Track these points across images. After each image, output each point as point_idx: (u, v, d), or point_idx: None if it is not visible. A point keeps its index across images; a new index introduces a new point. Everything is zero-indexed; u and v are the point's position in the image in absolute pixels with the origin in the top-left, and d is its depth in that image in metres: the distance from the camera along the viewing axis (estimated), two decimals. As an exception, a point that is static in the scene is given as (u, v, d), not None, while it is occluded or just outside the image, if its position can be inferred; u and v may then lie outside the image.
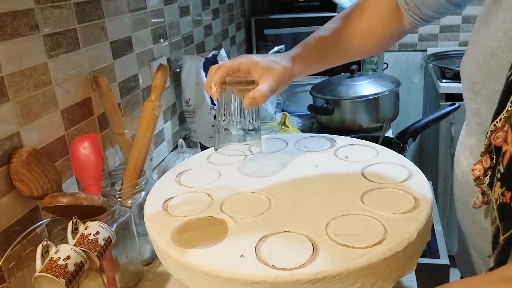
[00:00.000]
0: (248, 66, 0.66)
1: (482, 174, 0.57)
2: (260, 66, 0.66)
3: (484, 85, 0.62)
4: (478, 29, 0.65)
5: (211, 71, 0.66)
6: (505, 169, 0.51)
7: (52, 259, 0.55)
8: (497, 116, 0.55)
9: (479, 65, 0.63)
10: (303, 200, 0.61)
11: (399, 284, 0.72)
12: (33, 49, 0.70)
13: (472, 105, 0.65)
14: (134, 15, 1.01)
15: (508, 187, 0.51)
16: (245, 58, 0.67)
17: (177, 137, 1.27)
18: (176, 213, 0.62)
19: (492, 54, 0.60)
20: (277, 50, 1.60)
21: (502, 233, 0.53)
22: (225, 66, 0.64)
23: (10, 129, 0.65)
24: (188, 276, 0.52)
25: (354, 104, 1.39)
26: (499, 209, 0.53)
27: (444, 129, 1.99)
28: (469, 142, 0.70)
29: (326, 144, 0.79)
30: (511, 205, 0.51)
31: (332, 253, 0.49)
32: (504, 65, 0.57)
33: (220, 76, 0.63)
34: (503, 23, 0.58)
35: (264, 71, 0.66)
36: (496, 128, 0.54)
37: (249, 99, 0.63)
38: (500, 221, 0.53)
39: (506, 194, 0.51)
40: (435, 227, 1.17)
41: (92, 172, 0.73)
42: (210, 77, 0.65)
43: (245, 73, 0.66)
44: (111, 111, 0.84)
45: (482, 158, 0.57)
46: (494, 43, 0.59)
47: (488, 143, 0.56)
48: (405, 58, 2.59)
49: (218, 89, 0.64)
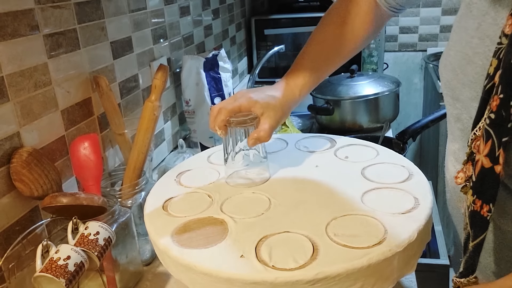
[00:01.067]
0: (248, 106, 0.67)
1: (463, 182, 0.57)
2: (259, 105, 0.67)
3: (461, 92, 0.61)
4: (453, 33, 0.65)
5: (213, 112, 0.67)
6: (477, 178, 0.52)
7: (52, 259, 0.55)
8: (476, 125, 0.55)
9: (455, 71, 0.62)
10: (303, 200, 0.61)
11: (399, 284, 0.72)
12: (33, 49, 0.70)
13: (452, 111, 0.65)
14: (134, 15, 1.01)
15: (479, 196, 0.52)
16: (244, 98, 0.68)
17: (177, 137, 1.27)
18: (176, 213, 0.62)
19: (469, 60, 0.59)
20: (277, 50, 1.60)
21: (471, 239, 0.54)
22: (227, 109, 0.66)
23: (10, 129, 0.65)
24: (188, 277, 0.52)
25: (354, 104, 1.39)
26: (470, 216, 0.54)
27: (444, 129, 1.98)
28: (453, 148, 0.70)
29: (326, 144, 0.79)
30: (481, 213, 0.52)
31: (332, 254, 0.49)
32: (480, 72, 0.56)
33: (223, 120, 0.65)
34: (477, 30, 0.57)
35: (264, 108, 0.67)
36: (476, 137, 0.54)
37: (253, 139, 0.65)
38: (471, 228, 0.54)
39: (477, 202, 0.52)
40: (435, 227, 1.17)
41: (92, 172, 0.73)
42: (213, 120, 0.67)
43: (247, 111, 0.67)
44: (111, 111, 0.84)
45: (465, 166, 0.57)
46: (470, 50, 0.59)
47: (470, 151, 0.56)
48: (405, 59, 2.59)
49: (224, 131, 0.66)
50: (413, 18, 2.51)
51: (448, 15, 2.46)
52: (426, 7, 2.47)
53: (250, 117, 0.66)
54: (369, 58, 1.97)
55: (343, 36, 0.80)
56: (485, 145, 0.51)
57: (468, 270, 0.55)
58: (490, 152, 0.50)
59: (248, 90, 0.71)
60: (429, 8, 2.47)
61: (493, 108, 0.50)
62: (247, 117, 0.66)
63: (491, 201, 0.51)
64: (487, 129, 0.51)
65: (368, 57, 1.97)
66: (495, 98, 0.50)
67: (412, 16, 2.51)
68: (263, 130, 0.65)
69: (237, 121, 0.65)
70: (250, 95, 0.69)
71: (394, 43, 2.58)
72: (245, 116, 0.66)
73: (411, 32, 2.54)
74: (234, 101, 0.68)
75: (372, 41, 1.98)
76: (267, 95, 0.70)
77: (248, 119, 0.65)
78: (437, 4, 2.46)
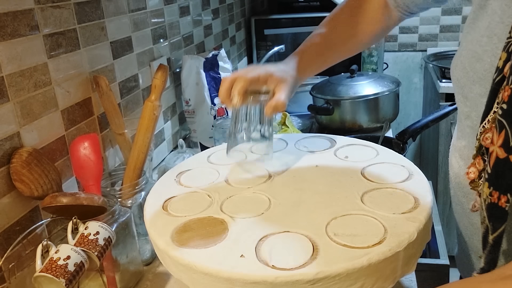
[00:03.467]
0: (265, 76, 0.69)
1: (477, 177, 0.58)
2: (275, 77, 0.69)
3: (470, 89, 0.63)
4: (466, 34, 0.67)
5: (225, 82, 0.67)
6: (492, 169, 0.52)
7: (52, 259, 0.55)
8: (485, 118, 0.55)
9: (465, 69, 0.64)
10: (303, 200, 0.61)
11: (399, 284, 0.72)
12: (33, 49, 0.70)
13: (463, 108, 0.66)
14: (134, 15, 1.01)
15: (496, 187, 0.52)
16: (261, 69, 0.70)
17: (177, 137, 1.27)
18: (176, 213, 0.62)
19: (478, 58, 0.61)
20: (277, 50, 1.60)
21: (491, 232, 0.54)
22: (246, 77, 0.66)
23: (10, 129, 0.65)
24: (188, 276, 0.52)
25: (354, 104, 1.39)
26: (487, 209, 0.54)
27: (444, 129, 1.99)
28: (459, 145, 0.70)
29: (326, 144, 0.79)
30: (499, 205, 0.52)
31: (332, 253, 0.49)
32: (488, 69, 0.58)
33: (243, 86, 0.65)
34: (487, 28, 0.59)
35: (279, 81, 0.69)
36: (485, 130, 0.55)
37: (271, 108, 0.66)
38: (489, 221, 0.54)
39: (493, 194, 0.52)
40: (435, 227, 1.17)
41: (92, 172, 0.73)
42: (227, 87, 0.67)
43: (262, 83, 0.69)
44: (111, 111, 0.84)
45: (475, 160, 0.58)
46: (480, 48, 0.60)
47: (479, 144, 0.57)
48: (405, 58, 2.59)
49: (241, 99, 0.66)
50: (413, 18, 2.51)
51: (448, 15, 2.46)
52: (426, 7, 2.47)
53: (265, 89, 0.67)
54: (369, 58, 1.97)
55: (353, 27, 0.83)
56: (498, 135, 0.51)
57: (490, 265, 0.55)
58: (504, 142, 0.50)
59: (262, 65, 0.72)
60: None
61: (505, 99, 0.51)
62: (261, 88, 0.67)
63: (508, 191, 0.51)
64: (499, 119, 0.51)
65: (368, 57, 1.97)
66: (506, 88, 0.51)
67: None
68: (279, 100, 0.66)
69: (251, 90, 0.65)
70: (266, 66, 0.71)
71: (394, 43, 2.58)
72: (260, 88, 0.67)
73: (411, 32, 2.54)
74: (249, 72, 0.68)
75: (372, 41, 1.98)
76: (281, 69, 0.72)
77: (263, 91, 0.66)
78: (437, 4, 2.46)
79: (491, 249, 0.54)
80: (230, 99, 0.66)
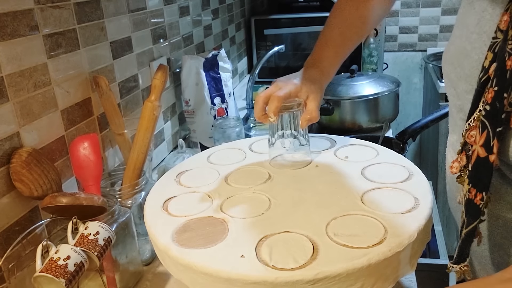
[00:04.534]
0: (295, 92, 0.72)
1: (459, 172, 0.60)
2: (304, 90, 0.73)
3: (457, 85, 0.64)
4: (455, 28, 0.68)
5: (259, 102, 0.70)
6: (472, 167, 0.55)
7: (52, 259, 0.55)
8: (471, 116, 0.57)
9: (453, 64, 0.65)
10: (303, 200, 0.61)
11: (399, 284, 0.72)
12: (33, 50, 0.70)
13: (456, 102, 0.67)
14: (134, 15, 1.01)
15: (474, 184, 0.55)
16: (290, 85, 0.73)
17: (177, 137, 1.27)
18: (176, 213, 0.62)
19: (466, 55, 0.61)
20: (277, 50, 1.60)
21: (465, 227, 0.57)
22: (280, 96, 0.69)
23: (10, 129, 0.65)
24: (188, 276, 0.52)
25: (354, 104, 1.39)
26: (465, 204, 0.56)
27: (444, 129, 1.99)
28: (452, 139, 0.72)
29: (326, 144, 0.79)
30: (475, 201, 0.55)
31: (332, 254, 0.49)
32: (475, 66, 0.59)
33: (277, 106, 0.68)
34: (476, 26, 0.60)
35: (309, 92, 0.73)
36: (470, 127, 0.57)
37: (306, 120, 0.70)
38: (465, 215, 0.57)
39: (471, 190, 0.55)
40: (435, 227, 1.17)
41: (92, 172, 0.73)
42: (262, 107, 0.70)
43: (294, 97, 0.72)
44: (111, 111, 0.84)
45: (459, 156, 0.60)
46: (469, 44, 0.61)
47: (464, 141, 0.58)
48: (405, 58, 2.59)
49: (276, 117, 0.69)
50: (412, 18, 2.51)
51: (448, 15, 2.46)
52: (426, 7, 2.48)
53: (297, 102, 0.71)
54: (369, 58, 1.97)
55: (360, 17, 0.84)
56: (481, 135, 0.53)
57: (461, 257, 0.58)
58: (485, 142, 0.52)
59: (287, 77, 0.76)
60: (429, 8, 2.48)
61: (488, 100, 0.52)
62: (293, 102, 0.71)
63: (484, 190, 0.54)
64: (483, 120, 0.53)
65: (368, 57, 1.97)
66: (490, 90, 0.52)
67: (411, 16, 2.51)
68: (312, 111, 0.71)
69: (285, 107, 0.69)
70: (293, 81, 0.74)
71: (393, 43, 2.58)
72: (291, 102, 0.70)
73: (410, 32, 2.54)
74: (280, 88, 0.71)
75: (372, 41, 1.98)
76: (307, 79, 0.75)
77: (295, 105, 0.70)
78: (436, 4, 2.46)
79: (463, 242, 0.57)
80: (266, 117, 0.69)
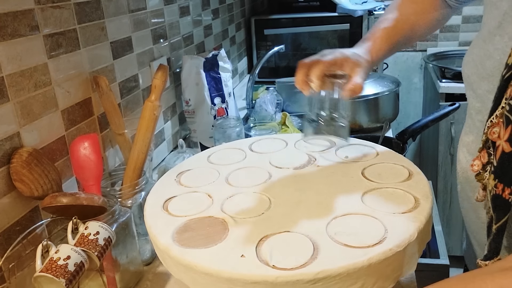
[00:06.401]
0: (341, 61, 0.69)
1: (480, 169, 0.60)
2: (351, 61, 0.69)
3: (479, 85, 0.65)
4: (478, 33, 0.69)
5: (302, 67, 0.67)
6: (498, 163, 0.55)
7: (52, 259, 0.55)
8: (493, 113, 0.57)
9: (476, 66, 0.66)
10: (303, 200, 0.61)
11: (399, 284, 0.72)
12: (33, 50, 0.70)
13: (475, 104, 0.68)
14: (134, 15, 1.01)
15: (500, 179, 0.55)
16: (337, 53, 0.70)
17: (177, 137, 1.27)
18: (176, 213, 0.62)
19: (489, 56, 0.63)
20: (277, 50, 1.60)
21: (494, 222, 0.56)
22: (324, 61, 0.67)
23: (10, 129, 0.65)
24: (189, 276, 0.52)
25: (354, 104, 1.39)
26: (492, 200, 0.56)
27: (444, 129, 1.99)
28: (467, 140, 0.73)
29: (326, 144, 0.79)
30: (503, 196, 0.54)
31: (332, 253, 0.49)
32: (497, 66, 0.60)
33: (322, 70, 0.65)
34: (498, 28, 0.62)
35: (354, 65, 0.69)
36: (492, 124, 0.57)
37: (349, 91, 0.66)
38: (493, 211, 0.56)
39: (498, 186, 0.55)
40: (435, 227, 1.17)
41: (92, 172, 0.73)
42: (304, 72, 0.67)
43: (339, 67, 0.69)
44: (111, 111, 0.84)
45: (480, 153, 0.60)
46: (492, 46, 0.63)
47: (485, 138, 0.59)
48: (405, 58, 2.59)
49: (320, 83, 0.66)
50: (412, 18, 2.51)
51: (448, 15, 2.46)
52: (425, 7, 2.47)
53: (341, 73, 0.67)
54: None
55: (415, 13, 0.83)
56: (505, 130, 0.53)
57: (493, 253, 0.57)
58: (510, 137, 0.52)
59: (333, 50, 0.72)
60: (429, 8, 2.47)
61: None
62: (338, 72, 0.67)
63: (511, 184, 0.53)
64: (507, 115, 0.53)
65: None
66: None
67: (411, 16, 2.50)
68: (356, 83, 0.67)
69: (330, 74, 0.66)
70: (340, 51, 0.71)
71: (394, 43, 2.58)
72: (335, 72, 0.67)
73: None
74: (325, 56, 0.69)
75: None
76: (356, 54, 0.72)
77: (339, 75, 0.67)
78: (437, 4, 2.46)
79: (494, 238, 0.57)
80: (307, 85, 0.66)
